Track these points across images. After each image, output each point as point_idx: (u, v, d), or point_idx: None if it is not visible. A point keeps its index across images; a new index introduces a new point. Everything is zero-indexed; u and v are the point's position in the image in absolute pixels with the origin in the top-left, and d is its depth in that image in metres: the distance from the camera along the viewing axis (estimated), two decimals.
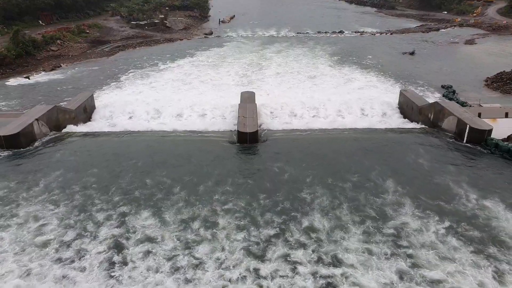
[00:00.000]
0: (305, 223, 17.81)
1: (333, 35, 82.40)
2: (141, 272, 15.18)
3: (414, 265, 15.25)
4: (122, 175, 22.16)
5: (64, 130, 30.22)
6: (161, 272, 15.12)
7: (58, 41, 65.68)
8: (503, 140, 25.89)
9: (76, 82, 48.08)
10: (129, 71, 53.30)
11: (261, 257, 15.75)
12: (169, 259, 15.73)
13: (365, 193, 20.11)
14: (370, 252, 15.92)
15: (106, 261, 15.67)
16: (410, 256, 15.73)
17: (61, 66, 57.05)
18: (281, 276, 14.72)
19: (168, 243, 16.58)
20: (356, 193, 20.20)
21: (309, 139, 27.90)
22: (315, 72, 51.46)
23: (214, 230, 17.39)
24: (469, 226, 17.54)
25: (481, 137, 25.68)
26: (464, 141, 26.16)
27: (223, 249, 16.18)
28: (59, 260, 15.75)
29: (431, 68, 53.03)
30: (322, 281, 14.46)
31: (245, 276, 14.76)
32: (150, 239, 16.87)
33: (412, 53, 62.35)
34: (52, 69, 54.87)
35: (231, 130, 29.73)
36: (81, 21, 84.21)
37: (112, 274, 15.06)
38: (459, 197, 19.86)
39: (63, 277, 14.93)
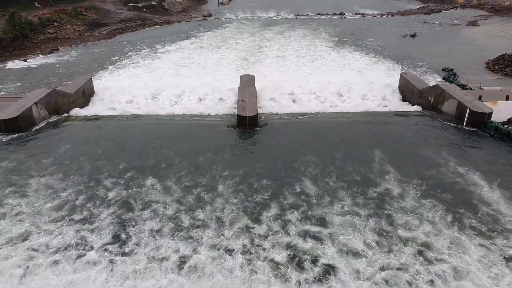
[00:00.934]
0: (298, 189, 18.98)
1: (334, 17, 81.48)
2: (149, 230, 16.30)
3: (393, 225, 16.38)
4: (123, 158, 22.19)
5: (63, 114, 30.13)
6: (166, 230, 16.30)
7: (55, 24, 64.94)
8: (503, 123, 25.82)
9: (74, 65, 47.73)
10: (127, 54, 52.85)
11: (255, 217, 17.10)
12: (173, 219, 16.98)
13: (360, 172, 20.57)
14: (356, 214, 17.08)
15: (115, 223, 16.79)
16: (390, 216, 16.87)
17: (58, 49, 56.54)
18: (273, 234, 16.02)
19: (171, 206, 17.80)
20: (352, 173, 20.53)
21: (309, 122, 27.83)
22: (315, 54, 51.07)
23: (214, 194, 18.60)
24: (451, 195, 18.32)
25: (481, 120, 25.62)
26: (464, 124, 26.12)
27: (222, 210, 17.41)
28: (72, 220, 17.00)
29: (432, 51, 52.55)
30: (309, 239, 15.69)
31: (240, 233, 16.10)
32: (156, 201, 18.14)
33: (413, 35, 61.72)
34: (49, 52, 54.40)
35: (230, 114, 29.64)
36: (77, 3, 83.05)
37: (121, 233, 16.15)
38: (445, 170, 20.58)
39: (77, 234, 16.12)
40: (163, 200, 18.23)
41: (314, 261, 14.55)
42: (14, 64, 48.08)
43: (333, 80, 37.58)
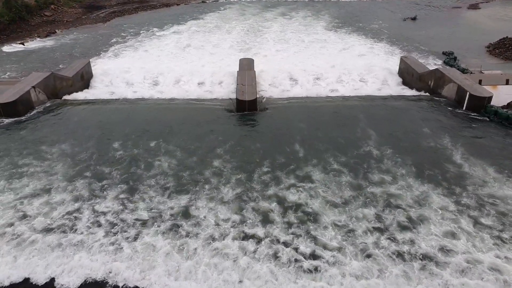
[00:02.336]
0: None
1: None
2: (154, 198, 17.64)
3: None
4: (121, 142, 22.22)
5: (62, 98, 30.01)
6: (170, 198, 17.68)
7: (52, 6, 64.09)
8: (503, 107, 25.81)
9: (72, 48, 47.28)
10: (125, 38, 52.30)
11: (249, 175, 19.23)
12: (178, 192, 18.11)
13: (352, 146, 21.38)
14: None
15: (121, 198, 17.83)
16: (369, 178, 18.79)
17: (56, 32, 55.90)
18: (264, 186, 18.18)
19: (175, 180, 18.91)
20: (344, 147, 21.32)
21: (308, 107, 27.78)
22: (316, 38, 50.61)
23: (213, 170, 19.65)
24: (430, 163, 19.86)
25: (480, 105, 25.58)
26: (463, 108, 26.09)
27: (219, 181, 18.77)
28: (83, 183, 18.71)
29: (433, 34, 52.07)
30: (300, 190, 17.88)
31: (235, 185, 18.30)
32: (163, 173, 19.44)
33: (414, 18, 61.05)
34: (47, 35, 53.82)
35: (230, 98, 29.54)
36: None
37: (126, 202, 17.40)
38: (433, 145, 21.50)
39: (89, 193, 18.00)
40: (162, 177, 19.21)
41: (297, 209, 16.63)
42: (11, 48, 47.61)
43: (333, 63, 37.41)
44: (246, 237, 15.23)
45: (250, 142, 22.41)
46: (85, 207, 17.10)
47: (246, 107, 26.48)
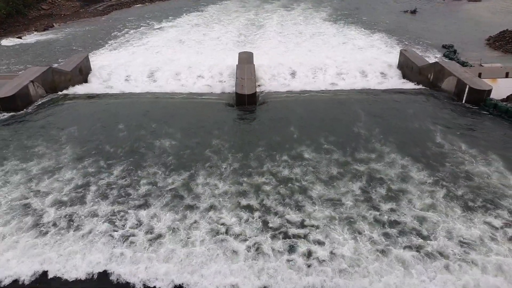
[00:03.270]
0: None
1: None
2: (159, 174, 18.65)
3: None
4: (121, 136, 22.18)
5: (60, 92, 29.88)
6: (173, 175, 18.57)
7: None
8: (502, 100, 25.77)
9: (70, 42, 47.02)
10: (124, 31, 52.03)
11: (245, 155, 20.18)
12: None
13: (346, 135, 21.68)
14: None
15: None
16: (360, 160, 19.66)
17: (53, 26, 55.59)
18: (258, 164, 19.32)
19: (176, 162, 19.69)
20: (339, 135, 21.65)
21: (307, 100, 27.71)
22: (316, 31, 50.37)
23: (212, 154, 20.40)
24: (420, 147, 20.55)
25: (480, 98, 25.53)
26: (463, 102, 26.05)
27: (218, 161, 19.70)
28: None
29: (433, 27, 51.84)
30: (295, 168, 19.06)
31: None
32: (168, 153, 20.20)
33: (413, 12, 60.71)
34: (44, 29, 53.50)
35: (229, 92, 29.45)
36: None
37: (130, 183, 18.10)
38: (428, 135, 21.82)
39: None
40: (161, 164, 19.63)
41: (287, 183, 17.79)
42: (8, 41, 47.34)
43: (333, 57, 37.26)
44: (241, 207, 16.31)
45: (249, 135, 22.63)
46: (93, 181, 18.23)
47: (246, 101, 26.40)
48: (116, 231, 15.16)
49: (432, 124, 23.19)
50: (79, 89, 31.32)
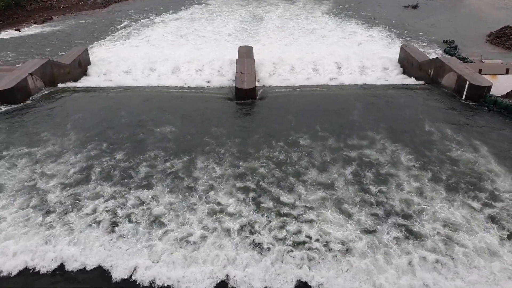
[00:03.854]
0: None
1: None
2: (159, 158, 19.35)
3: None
4: (120, 129, 22.14)
5: (59, 85, 29.77)
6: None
7: None
8: (502, 96, 25.73)
9: (69, 35, 46.76)
10: (123, 24, 51.75)
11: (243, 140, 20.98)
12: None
13: (342, 125, 21.88)
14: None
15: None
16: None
17: (52, 18, 55.24)
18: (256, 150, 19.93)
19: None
20: (337, 128, 21.77)
21: (307, 95, 27.64)
22: (317, 26, 50.10)
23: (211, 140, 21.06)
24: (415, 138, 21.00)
25: (480, 94, 25.47)
26: (463, 98, 26.00)
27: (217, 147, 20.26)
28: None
29: (434, 22, 51.62)
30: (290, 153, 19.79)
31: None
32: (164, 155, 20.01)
33: (414, 7, 60.40)
34: (43, 22, 53.19)
35: (228, 87, 29.36)
36: None
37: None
38: (423, 127, 22.07)
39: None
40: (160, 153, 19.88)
41: (282, 166, 18.58)
42: (7, 34, 47.04)
43: (333, 52, 37.14)
44: (238, 189, 17.08)
45: (247, 124, 23.11)
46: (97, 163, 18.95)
47: (245, 96, 26.33)
48: (119, 209, 15.82)
49: (428, 118, 23.19)
50: (78, 82, 31.22)
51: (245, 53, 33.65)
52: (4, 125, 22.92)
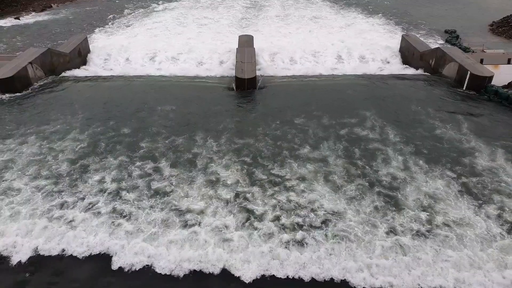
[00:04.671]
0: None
1: None
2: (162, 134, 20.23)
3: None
4: (120, 118, 22.14)
5: (59, 75, 29.69)
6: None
7: None
8: (504, 87, 25.65)
9: (68, 24, 46.47)
10: (123, 13, 51.42)
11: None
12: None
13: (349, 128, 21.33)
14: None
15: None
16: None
17: (51, 6, 54.87)
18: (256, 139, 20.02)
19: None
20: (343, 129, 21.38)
21: (307, 85, 27.57)
22: (318, 14, 49.75)
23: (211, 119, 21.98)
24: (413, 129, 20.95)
25: (481, 84, 25.40)
26: (464, 88, 25.92)
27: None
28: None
29: (436, 12, 51.21)
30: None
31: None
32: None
33: None
34: (42, 10, 52.84)
35: (229, 76, 29.27)
36: None
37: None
38: (422, 118, 22.00)
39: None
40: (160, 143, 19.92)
41: (277, 140, 19.53)
42: (6, 22, 46.76)
43: (334, 41, 36.94)
44: (234, 162, 18.01)
45: (246, 107, 23.72)
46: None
47: (245, 85, 26.27)
48: (122, 181, 16.64)
49: (427, 108, 23.19)
50: (78, 71, 31.12)
51: (245, 42, 33.48)
52: (13, 110, 23.27)
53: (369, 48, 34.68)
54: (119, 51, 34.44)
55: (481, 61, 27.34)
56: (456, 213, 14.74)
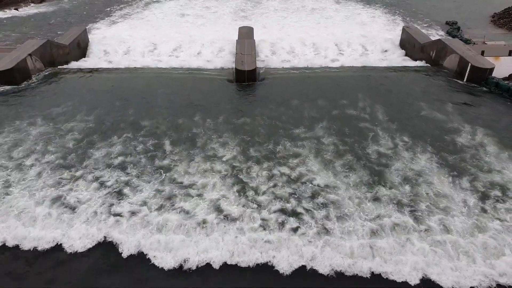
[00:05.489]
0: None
1: None
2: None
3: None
4: (120, 111, 22.12)
5: (59, 66, 29.60)
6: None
7: None
8: (504, 79, 25.60)
9: (68, 15, 46.22)
10: (123, 5, 51.14)
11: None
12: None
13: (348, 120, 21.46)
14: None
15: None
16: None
17: None
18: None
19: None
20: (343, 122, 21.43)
21: (308, 77, 27.48)
22: (318, 5, 49.49)
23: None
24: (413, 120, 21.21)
25: (482, 76, 25.33)
26: (465, 80, 25.86)
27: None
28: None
29: (437, 3, 50.93)
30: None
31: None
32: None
33: None
34: (41, 1, 52.53)
35: (229, 68, 29.18)
36: None
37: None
38: (418, 109, 22.17)
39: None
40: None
41: (273, 120, 20.66)
42: (4, 13, 46.53)
43: (335, 33, 36.78)
44: (231, 139, 19.07)
45: (246, 96, 24.11)
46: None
47: (245, 77, 26.19)
48: (129, 155, 17.73)
49: (427, 97, 23.30)
50: (78, 63, 31.03)
51: (246, 34, 33.32)
52: (16, 100, 23.56)
53: (370, 40, 34.54)
54: (119, 43, 34.29)
55: (482, 53, 27.26)
56: None
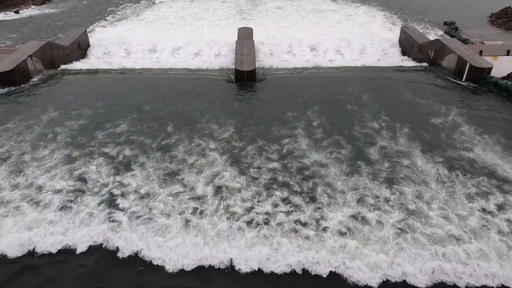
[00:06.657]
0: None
1: None
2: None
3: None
4: (120, 111, 22.23)
5: (59, 68, 29.73)
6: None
7: None
8: (503, 78, 25.73)
9: (68, 17, 46.41)
10: (122, 6, 51.31)
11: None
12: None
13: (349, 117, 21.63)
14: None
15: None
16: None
17: None
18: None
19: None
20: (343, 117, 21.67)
21: (307, 77, 27.62)
22: (316, 6, 49.69)
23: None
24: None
25: (480, 76, 25.47)
26: (463, 80, 26.00)
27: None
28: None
29: (435, 4, 51.13)
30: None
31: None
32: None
33: None
34: (42, 3, 52.73)
35: (228, 68, 29.33)
36: None
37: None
38: (415, 105, 22.68)
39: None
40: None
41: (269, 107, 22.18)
42: (5, 16, 46.74)
43: (333, 34, 36.93)
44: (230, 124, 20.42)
45: (245, 95, 24.37)
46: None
47: (245, 78, 26.33)
48: (132, 144, 18.67)
49: (425, 97, 23.41)
50: (78, 64, 31.13)
51: (245, 35, 33.48)
52: (16, 100, 23.75)
53: (368, 40, 34.69)
54: (119, 44, 34.45)
55: (480, 53, 27.40)
56: None
